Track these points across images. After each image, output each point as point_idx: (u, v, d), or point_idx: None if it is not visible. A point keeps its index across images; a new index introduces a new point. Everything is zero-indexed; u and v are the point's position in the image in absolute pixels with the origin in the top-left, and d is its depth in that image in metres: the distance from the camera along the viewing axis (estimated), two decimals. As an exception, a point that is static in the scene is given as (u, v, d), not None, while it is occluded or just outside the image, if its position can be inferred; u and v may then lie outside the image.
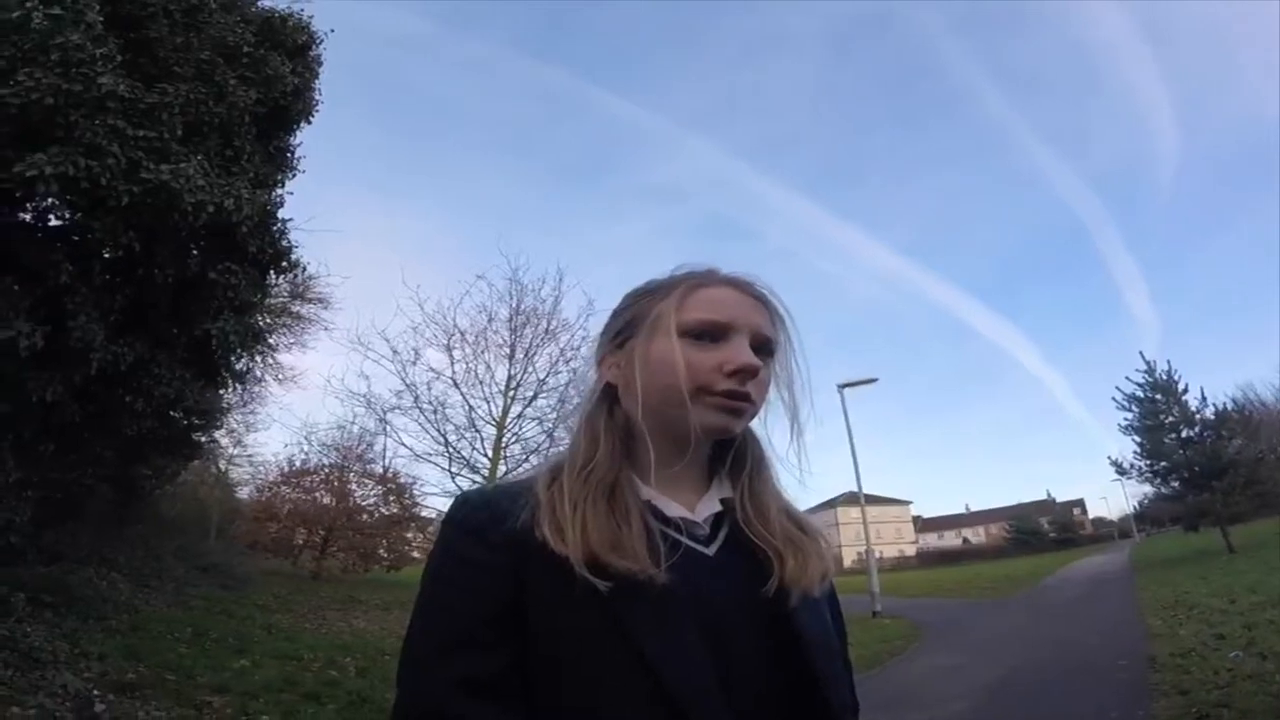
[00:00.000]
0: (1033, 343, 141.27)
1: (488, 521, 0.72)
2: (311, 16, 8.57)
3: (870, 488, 18.08)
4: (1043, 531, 57.84)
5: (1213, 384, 36.45)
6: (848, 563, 50.53)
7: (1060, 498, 73.29)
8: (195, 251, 6.91)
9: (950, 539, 69.55)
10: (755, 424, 0.83)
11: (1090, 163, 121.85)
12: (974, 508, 77.93)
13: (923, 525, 72.96)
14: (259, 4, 7.96)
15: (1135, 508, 54.38)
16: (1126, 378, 21.69)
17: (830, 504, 52.62)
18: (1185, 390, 20.73)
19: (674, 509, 0.76)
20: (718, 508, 0.80)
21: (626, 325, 0.83)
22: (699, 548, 0.75)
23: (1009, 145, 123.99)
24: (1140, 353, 22.10)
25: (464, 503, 0.78)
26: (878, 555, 21.32)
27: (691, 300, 0.79)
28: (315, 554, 17.14)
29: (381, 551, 17.95)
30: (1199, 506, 20.35)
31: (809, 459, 0.85)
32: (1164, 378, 21.01)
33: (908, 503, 69.20)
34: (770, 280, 0.84)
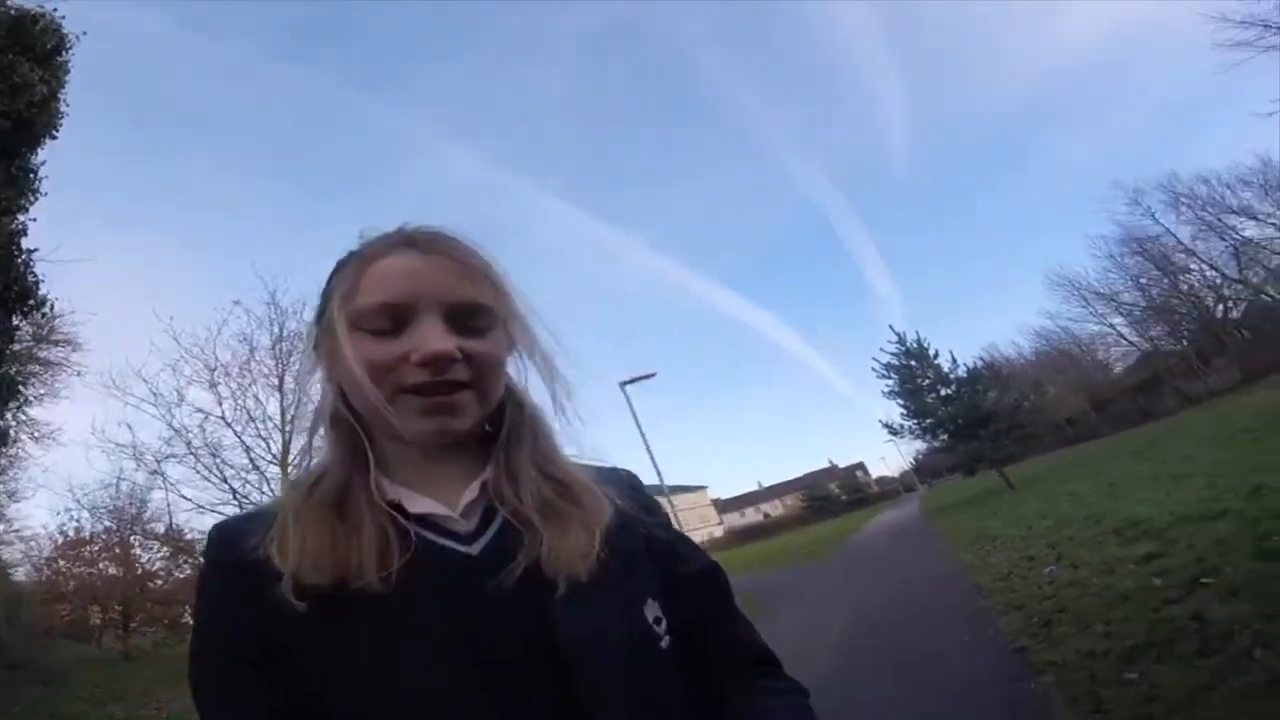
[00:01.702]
0: (794, 328, 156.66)
1: (228, 552, 0.66)
2: (63, 17, 7.54)
3: (667, 479, 18.91)
4: (834, 496, 64.44)
5: (960, 348, 42.80)
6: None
7: (842, 464, 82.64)
8: None
9: (752, 516, 74.89)
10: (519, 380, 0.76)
11: (830, 156, 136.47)
12: (766, 484, 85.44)
13: (723, 507, 78.17)
14: (9, 2, 6.83)
15: (913, 463, 62.23)
16: (880, 349, 24.47)
17: None
18: (936, 355, 23.84)
19: (420, 505, 0.67)
20: (476, 494, 0.69)
21: (319, 313, 0.73)
22: (456, 546, 0.66)
23: (757, 143, 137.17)
24: (890, 326, 25.25)
25: (213, 533, 0.70)
26: (689, 541, 22.16)
27: (365, 281, 0.67)
28: (118, 632, 15.27)
29: (187, 619, 15.86)
30: (971, 453, 23.02)
31: (581, 420, 0.77)
32: (915, 345, 23.91)
33: (704, 487, 73.58)
34: (539, 283, 0.74)
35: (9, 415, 10.01)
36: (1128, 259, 33.72)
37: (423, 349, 0.64)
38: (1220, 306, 32.20)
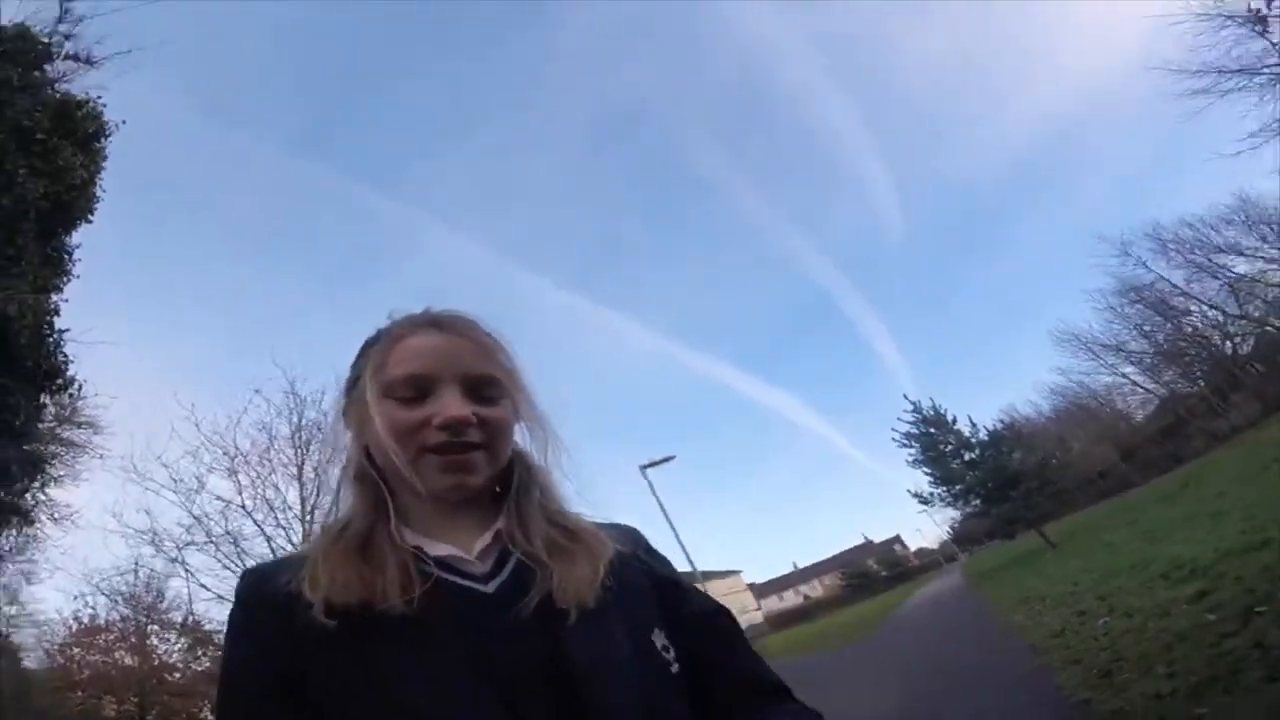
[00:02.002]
0: (812, 406, 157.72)
1: (259, 591, 0.72)
2: (105, 105, 7.92)
3: (698, 564, 18.44)
4: (874, 572, 61.83)
5: (976, 412, 42.63)
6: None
7: (877, 539, 79.79)
8: None
9: (790, 599, 72.13)
10: (522, 442, 0.85)
11: (828, 236, 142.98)
12: (801, 565, 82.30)
13: (760, 591, 75.12)
14: (56, 86, 7.23)
15: (949, 531, 60.15)
16: (898, 419, 24.14)
17: None
18: (955, 421, 23.53)
19: (439, 549, 0.74)
20: (489, 540, 0.77)
21: (353, 383, 0.83)
22: (473, 585, 0.73)
23: (758, 228, 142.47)
24: (905, 395, 25.27)
25: (245, 575, 0.77)
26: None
27: (395, 355, 0.78)
28: None
29: (206, 715, 15.19)
30: (1006, 515, 22.44)
31: (575, 470, 0.86)
32: (932, 412, 23.67)
33: (738, 572, 71.10)
34: (551, 370, 0.85)
35: (31, 494, 9.95)
36: (1127, 308, 33.90)
37: (443, 414, 0.73)
38: (1228, 344, 32.14)
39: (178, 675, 15.55)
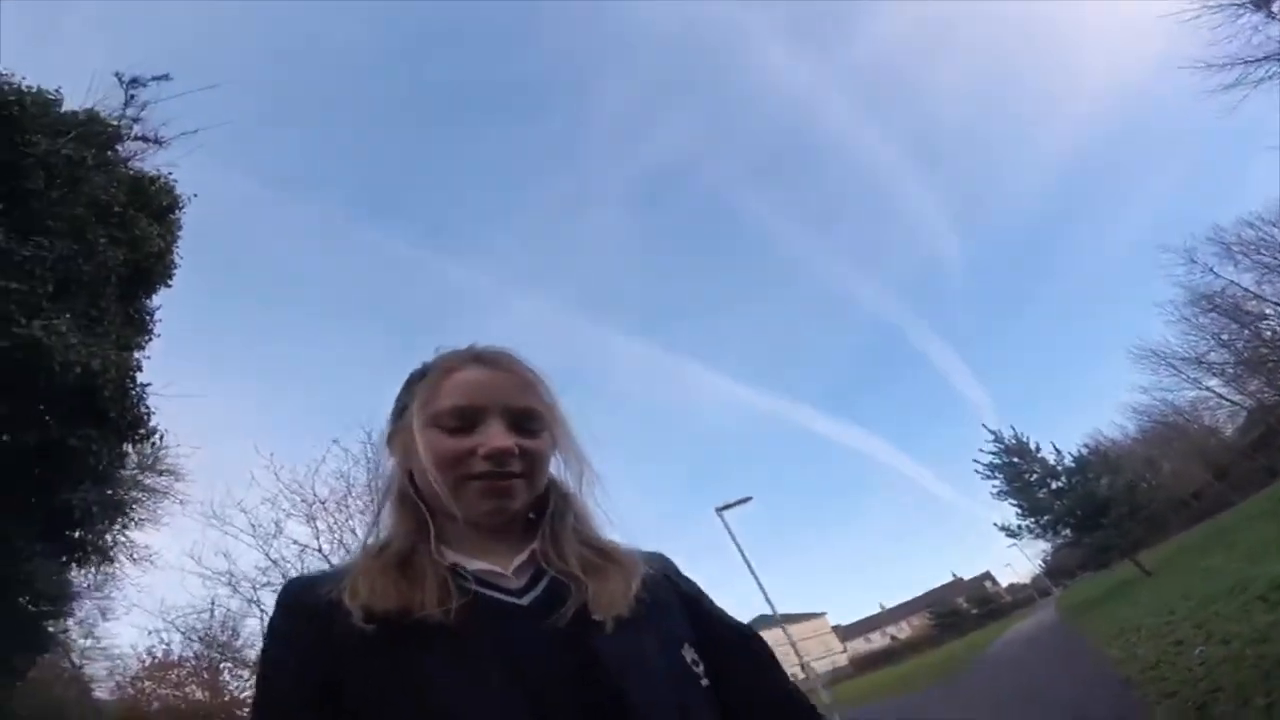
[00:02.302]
0: (888, 443, 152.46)
1: (301, 599, 0.75)
2: (176, 180, 8.75)
3: (781, 608, 17.94)
4: (963, 610, 58.85)
5: (1060, 439, 40.55)
6: (785, 686, 48.59)
7: (966, 576, 75.92)
8: (49, 418, 6.27)
9: (877, 640, 69.17)
10: (558, 472, 0.89)
11: (890, 274, 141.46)
12: (888, 605, 78.84)
13: (845, 633, 72.36)
14: (129, 164, 7.97)
15: (1042, 565, 56.84)
16: (980, 449, 23.25)
17: None
18: (1038, 448, 22.57)
19: (477, 564, 0.77)
20: (525, 559, 0.81)
21: (397, 414, 0.88)
22: (506, 598, 0.76)
23: (817, 273, 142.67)
24: (984, 424, 24.23)
25: (285, 588, 0.80)
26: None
27: (443, 387, 0.81)
28: None
29: None
30: (1098, 544, 21.37)
31: (609, 501, 0.90)
32: (1014, 442, 22.78)
33: (822, 614, 68.62)
34: (618, 424, 0.91)
35: (110, 535, 10.25)
36: (1202, 318, 32.21)
37: (489, 445, 0.77)
38: (1312, 345, 30.08)
39: (248, 711, 15.42)
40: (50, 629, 10.09)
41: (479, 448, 0.77)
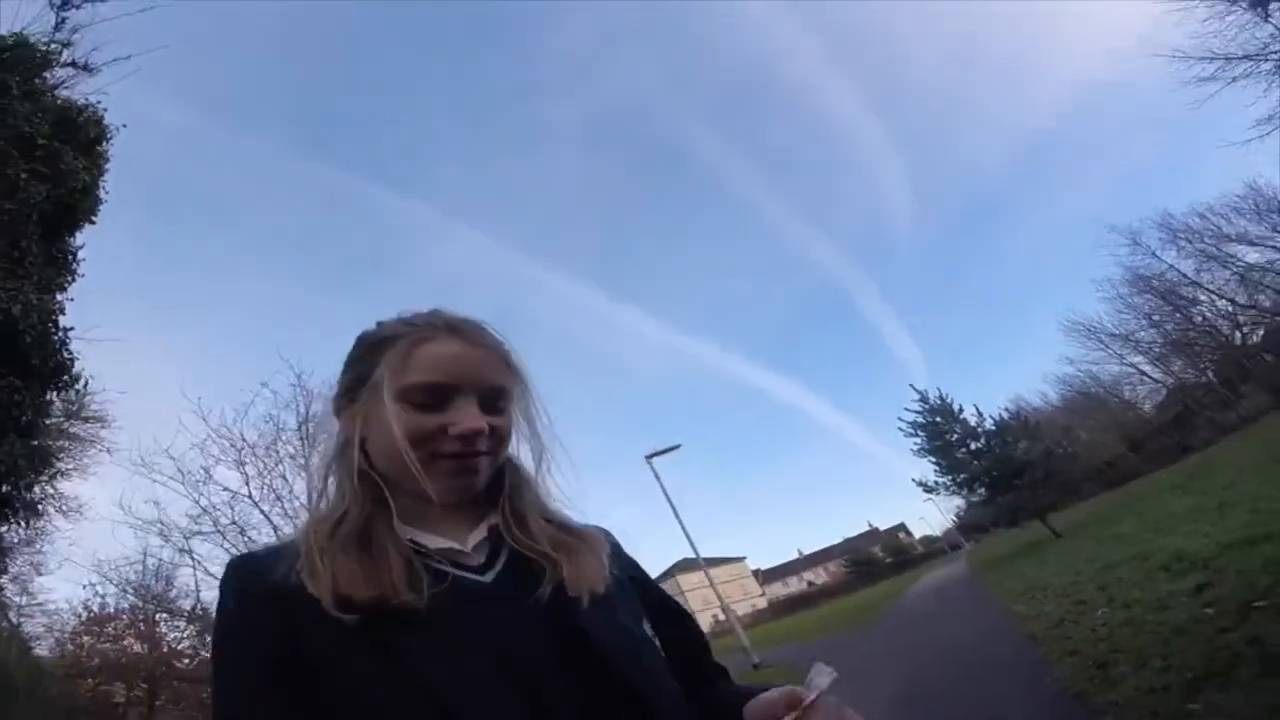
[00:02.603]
0: (819, 394, 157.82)
1: (254, 583, 0.70)
2: (105, 109, 8.11)
3: (703, 551, 18.53)
4: (878, 559, 62.19)
5: (984, 401, 42.78)
6: (705, 627, 50.94)
7: (882, 526, 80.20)
8: None
9: (795, 585, 72.62)
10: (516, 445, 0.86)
11: (837, 227, 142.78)
12: (806, 551, 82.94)
13: (764, 577, 75.89)
14: (56, 93, 7.38)
15: (955, 520, 60.16)
16: (905, 408, 24.17)
17: (668, 574, 53.11)
18: (961, 410, 23.56)
19: (437, 542, 0.76)
20: (485, 534, 0.79)
21: (355, 381, 0.82)
22: (472, 576, 0.75)
23: (765, 222, 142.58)
24: (911, 385, 24.96)
25: (231, 569, 0.75)
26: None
27: (414, 359, 0.77)
28: (143, 711, 14.68)
29: None
30: (1011, 504, 22.41)
31: (563, 487, 0.88)
32: (938, 402, 23.70)
33: (742, 558, 71.62)
34: (558, 365, 0.79)
35: (39, 488, 10.22)
36: (1136, 298, 33.70)
37: (462, 425, 0.75)
38: (1238, 334, 31.88)
39: (187, 661, 15.70)
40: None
41: (450, 426, 0.75)
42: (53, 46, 7.86)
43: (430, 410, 0.76)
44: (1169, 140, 61.98)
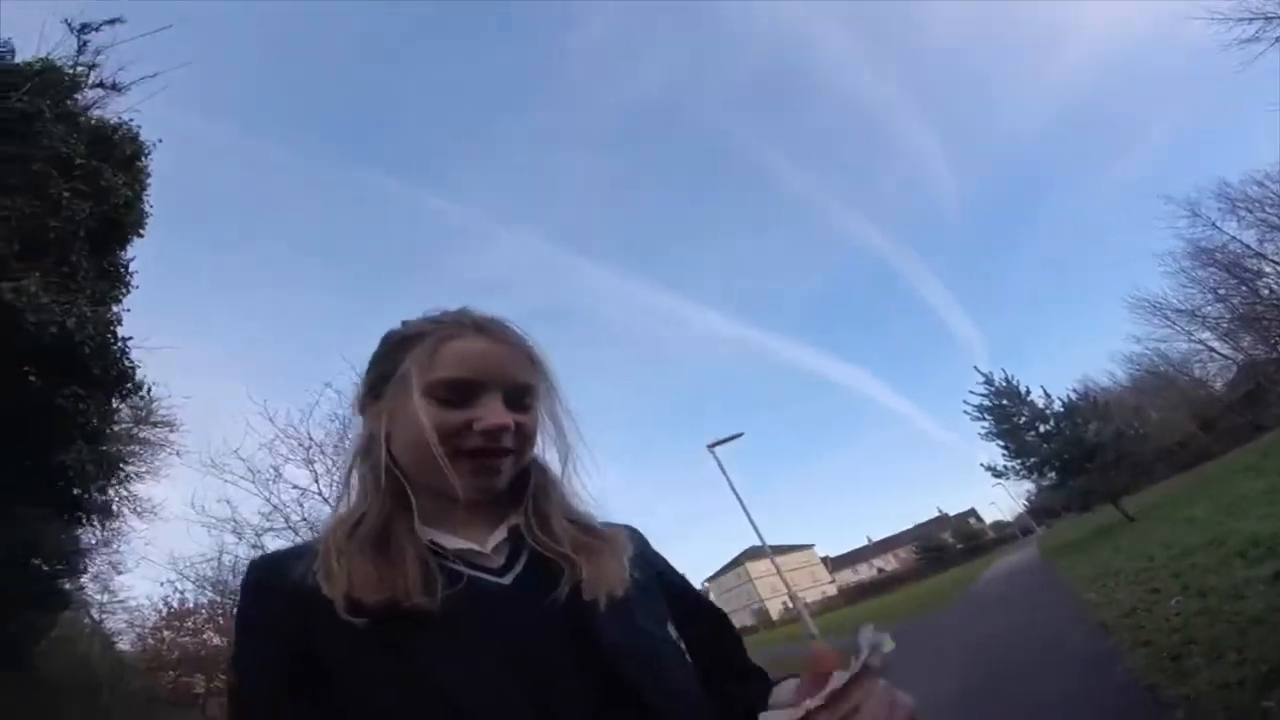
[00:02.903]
0: (884, 380, 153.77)
1: (273, 582, 0.71)
2: (140, 127, 8.47)
3: (770, 539, 18.57)
4: (949, 545, 60.85)
5: (1051, 383, 41.09)
6: (774, 615, 50.49)
7: (952, 512, 78.25)
8: (33, 379, 6.17)
9: (865, 571, 71.73)
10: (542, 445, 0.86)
11: (884, 210, 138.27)
12: (875, 538, 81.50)
13: (834, 565, 74.94)
14: (89, 113, 7.75)
15: (1026, 504, 58.35)
16: (971, 391, 23.46)
17: (736, 563, 52.69)
18: (1028, 392, 22.81)
19: (456, 543, 0.75)
20: (505, 535, 0.79)
21: (380, 378, 0.83)
22: (490, 578, 0.75)
23: (811, 207, 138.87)
24: (975, 367, 24.21)
25: (252, 568, 0.76)
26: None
27: (440, 356, 0.78)
28: (222, 702, 15.32)
29: None
30: (1082, 488, 21.72)
31: (589, 488, 0.88)
32: (1004, 384, 22.97)
33: (810, 546, 70.87)
34: (612, 360, 0.86)
35: (111, 491, 10.40)
36: (1199, 272, 32.01)
37: (488, 421, 0.75)
38: (1307, 305, 30.04)
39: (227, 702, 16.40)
40: (66, 586, 10.45)
41: (475, 422, 0.75)
42: (79, 69, 8.16)
43: (456, 406, 0.76)
44: (1216, 103, 58.42)
